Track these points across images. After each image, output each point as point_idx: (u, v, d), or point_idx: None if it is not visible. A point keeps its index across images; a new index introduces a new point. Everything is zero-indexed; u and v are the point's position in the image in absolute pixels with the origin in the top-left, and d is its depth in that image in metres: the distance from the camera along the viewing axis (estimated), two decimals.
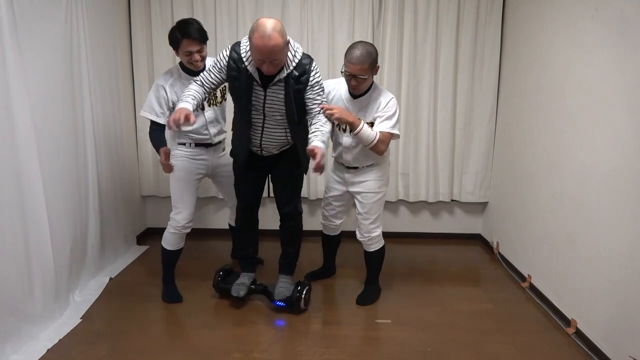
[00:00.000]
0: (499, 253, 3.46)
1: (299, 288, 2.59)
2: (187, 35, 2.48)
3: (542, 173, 2.82)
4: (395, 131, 2.45)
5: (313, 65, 2.31)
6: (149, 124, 2.65)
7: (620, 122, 2.09)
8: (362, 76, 2.34)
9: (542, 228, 2.81)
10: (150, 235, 3.87)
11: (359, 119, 2.40)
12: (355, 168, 2.62)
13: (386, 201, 3.75)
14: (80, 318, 2.51)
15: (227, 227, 3.41)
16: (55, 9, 2.53)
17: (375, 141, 2.38)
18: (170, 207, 2.72)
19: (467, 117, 3.63)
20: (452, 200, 3.78)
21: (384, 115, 2.44)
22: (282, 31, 2.10)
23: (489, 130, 3.64)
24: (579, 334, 2.37)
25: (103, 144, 3.06)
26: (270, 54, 2.07)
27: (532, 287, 2.89)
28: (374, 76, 2.47)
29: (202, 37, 2.53)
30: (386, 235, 3.05)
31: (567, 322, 2.47)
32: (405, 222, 3.89)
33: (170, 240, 2.69)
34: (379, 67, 2.45)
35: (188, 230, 2.73)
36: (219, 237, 3.78)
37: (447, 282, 3.07)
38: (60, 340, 2.29)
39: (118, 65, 3.32)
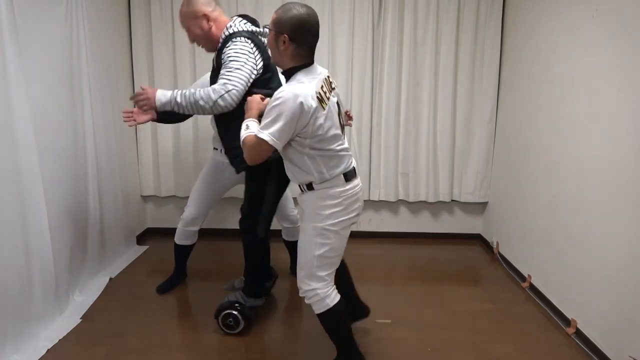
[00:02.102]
0: (499, 253, 3.46)
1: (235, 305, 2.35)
2: None
3: (542, 173, 2.82)
4: (264, 136, 1.66)
5: (238, 39, 2.08)
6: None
7: (621, 122, 2.09)
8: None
9: (542, 228, 2.81)
10: (150, 235, 3.87)
11: (257, 115, 1.86)
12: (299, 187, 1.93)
13: (386, 201, 3.78)
14: (80, 318, 2.51)
15: (226, 228, 3.40)
16: (55, 9, 2.53)
17: (241, 141, 1.79)
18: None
19: (467, 117, 3.63)
20: (452, 200, 3.78)
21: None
22: (192, 1, 2.18)
23: (489, 130, 3.63)
24: (579, 334, 2.37)
25: (103, 144, 3.06)
26: (181, 22, 2.26)
27: (532, 287, 2.89)
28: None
29: None
30: (386, 235, 3.06)
31: (567, 322, 2.47)
32: (405, 222, 3.89)
33: (177, 233, 2.79)
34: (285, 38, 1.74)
35: (192, 229, 2.76)
36: (219, 238, 3.78)
37: (447, 282, 3.07)
38: (60, 340, 2.29)
39: (118, 65, 3.32)
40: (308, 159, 1.78)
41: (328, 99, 1.77)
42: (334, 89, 1.87)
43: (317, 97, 1.70)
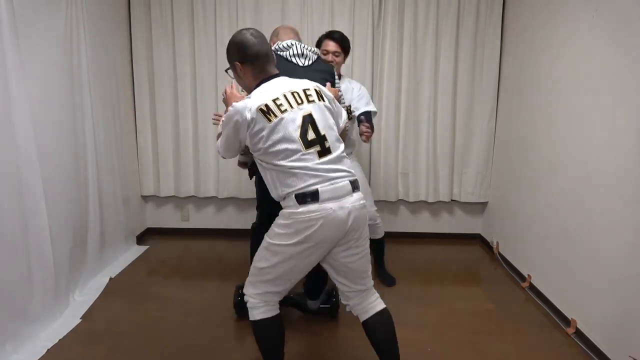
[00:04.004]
0: (499, 253, 3.46)
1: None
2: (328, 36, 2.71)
3: (542, 173, 2.82)
4: (216, 145, 1.88)
5: None
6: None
7: (621, 122, 2.09)
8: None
9: (542, 228, 2.81)
10: (150, 235, 3.87)
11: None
12: None
13: (386, 201, 3.78)
14: (80, 318, 2.51)
15: (227, 228, 3.40)
16: (55, 9, 2.53)
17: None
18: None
19: (467, 117, 3.63)
20: (452, 200, 3.78)
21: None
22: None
23: (489, 130, 3.63)
24: (578, 334, 2.36)
25: (103, 144, 3.06)
26: None
27: (532, 287, 2.88)
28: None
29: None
30: (386, 235, 3.05)
31: (567, 322, 2.47)
32: (405, 222, 3.89)
33: None
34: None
35: None
36: (219, 237, 3.78)
37: (447, 282, 3.07)
38: (60, 340, 2.29)
39: (118, 66, 3.32)
40: (267, 172, 1.73)
41: (284, 111, 1.66)
42: (312, 101, 1.73)
43: (261, 110, 1.65)
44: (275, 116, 1.66)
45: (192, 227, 3.90)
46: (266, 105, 1.66)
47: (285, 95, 1.69)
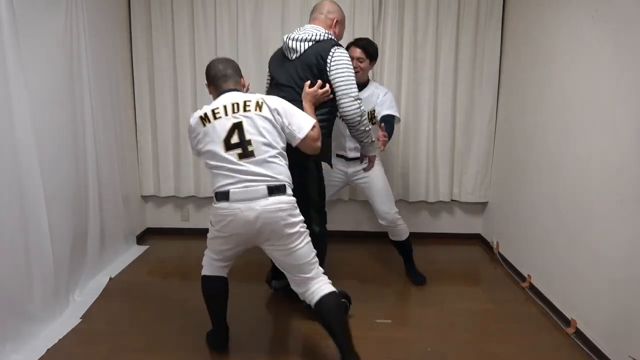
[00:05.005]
0: (499, 253, 3.46)
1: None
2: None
3: (542, 173, 2.82)
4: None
5: None
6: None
7: (621, 122, 2.09)
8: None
9: (542, 228, 2.81)
10: (150, 235, 3.87)
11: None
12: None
13: None
14: (80, 318, 2.51)
15: None
16: (55, 9, 2.53)
17: None
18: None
19: (467, 117, 3.63)
20: (452, 200, 3.78)
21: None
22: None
23: (489, 130, 3.63)
24: (578, 334, 2.36)
25: (103, 144, 3.06)
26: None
27: (532, 287, 2.89)
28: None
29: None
30: (386, 235, 3.06)
31: (567, 322, 2.47)
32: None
33: None
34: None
35: None
36: None
37: (447, 282, 3.07)
38: (60, 340, 2.29)
39: (118, 66, 3.32)
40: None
41: (218, 118, 1.97)
42: (248, 111, 1.97)
43: (201, 117, 2.00)
44: (210, 122, 1.98)
45: (192, 227, 3.90)
46: (205, 114, 2.00)
47: (225, 106, 1.99)
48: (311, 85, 2.24)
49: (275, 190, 1.92)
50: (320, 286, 2.01)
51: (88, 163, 2.87)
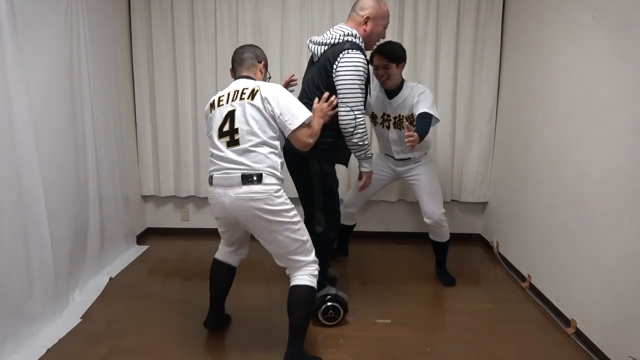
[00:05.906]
0: (499, 253, 3.46)
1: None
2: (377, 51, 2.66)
3: (542, 173, 2.82)
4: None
5: None
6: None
7: (620, 122, 2.09)
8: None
9: (542, 228, 2.81)
10: (150, 235, 3.87)
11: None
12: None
13: (386, 201, 3.79)
14: (80, 318, 2.51)
15: None
16: (55, 9, 2.53)
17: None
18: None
19: (467, 117, 3.63)
20: (452, 200, 3.78)
21: None
22: None
23: (489, 130, 3.63)
24: (578, 334, 2.37)
25: (103, 144, 3.06)
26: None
27: (532, 287, 2.89)
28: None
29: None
30: (386, 235, 3.06)
31: (567, 322, 2.47)
32: (405, 222, 3.89)
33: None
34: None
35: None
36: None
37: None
38: (60, 340, 2.29)
39: (118, 65, 3.32)
40: None
41: (220, 105, 2.04)
42: (242, 99, 2.00)
43: (211, 103, 2.10)
44: (214, 109, 2.07)
45: (192, 227, 3.90)
46: (214, 100, 2.10)
47: (229, 93, 2.05)
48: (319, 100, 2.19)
49: (249, 178, 1.93)
50: (297, 275, 2.07)
51: (88, 163, 2.88)
